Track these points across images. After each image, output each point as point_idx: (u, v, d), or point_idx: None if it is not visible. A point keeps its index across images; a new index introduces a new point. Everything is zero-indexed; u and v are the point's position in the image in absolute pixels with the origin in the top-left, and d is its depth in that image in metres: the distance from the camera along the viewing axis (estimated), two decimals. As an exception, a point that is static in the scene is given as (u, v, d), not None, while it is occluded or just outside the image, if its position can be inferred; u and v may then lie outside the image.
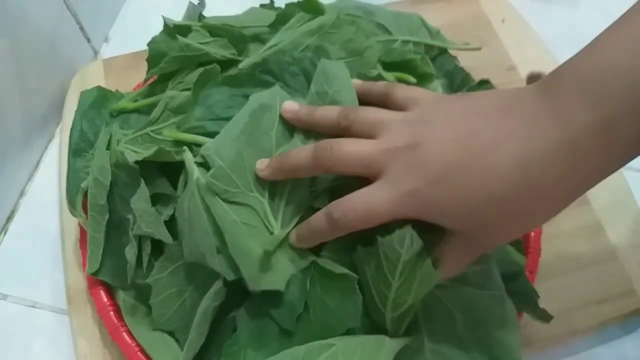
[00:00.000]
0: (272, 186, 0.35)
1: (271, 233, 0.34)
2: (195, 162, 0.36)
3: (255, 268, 0.33)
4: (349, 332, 0.33)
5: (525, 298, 0.40)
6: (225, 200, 0.34)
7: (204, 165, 0.35)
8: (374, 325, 0.35)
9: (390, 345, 0.33)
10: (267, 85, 0.39)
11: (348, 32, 0.41)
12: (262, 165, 0.34)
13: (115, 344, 0.40)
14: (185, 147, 0.37)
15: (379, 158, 0.30)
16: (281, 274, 0.34)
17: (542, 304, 0.40)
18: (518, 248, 0.43)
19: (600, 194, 0.51)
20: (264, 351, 0.34)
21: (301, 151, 0.33)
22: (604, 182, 0.50)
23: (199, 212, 0.35)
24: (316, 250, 0.35)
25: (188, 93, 0.40)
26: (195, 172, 0.35)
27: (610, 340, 0.46)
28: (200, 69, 0.39)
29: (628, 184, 0.51)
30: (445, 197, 0.28)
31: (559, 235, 0.48)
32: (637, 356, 0.46)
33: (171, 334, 0.38)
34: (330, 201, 0.33)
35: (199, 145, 0.37)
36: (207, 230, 0.34)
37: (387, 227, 0.32)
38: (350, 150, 0.31)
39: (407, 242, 0.31)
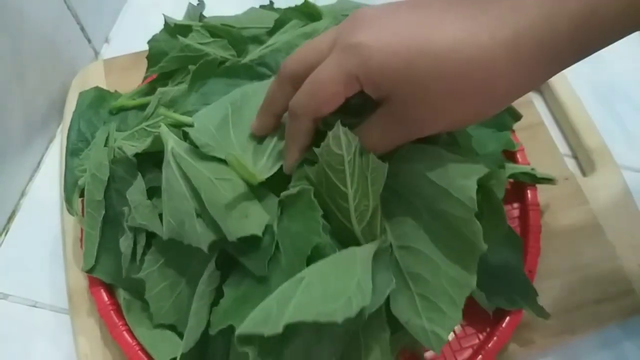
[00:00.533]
0: (257, 146, 0.35)
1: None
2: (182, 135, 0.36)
3: (231, 218, 0.33)
4: (316, 249, 0.32)
5: (524, 296, 0.40)
6: (204, 156, 0.34)
7: (190, 142, 0.36)
8: (346, 246, 0.33)
9: (362, 252, 0.32)
10: (263, 77, 0.39)
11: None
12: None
13: (116, 343, 0.40)
14: (162, 123, 0.37)
15: (327, 46, 0.29)
16: (257, 220, 0.33)
17: (542, 303, 0.40)
18: (517, 246, 0.43)
19: (599, 194, 0.51)
20: (247, 306, 0.32)
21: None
22: (603, 182, 0.51)
23: (176, 180, 0.35)
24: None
25: (180, 87, 0.40)
26: (170, 142, 0.35)
27: (610, 340, 0.46)
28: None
29: (627, 184, 0.51)
30: (388, 53, 0.27)
31: (558, 235, 0.48)
32: (636, 356, 0.46)
33: (173, 327, 0.38)
34: None
35: (192, 126, 0.37)
36: (185, 195, 0.34)
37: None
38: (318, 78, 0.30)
39: (343, 140, 0.30)
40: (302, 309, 0.27)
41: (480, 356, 0.40)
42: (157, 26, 0.45)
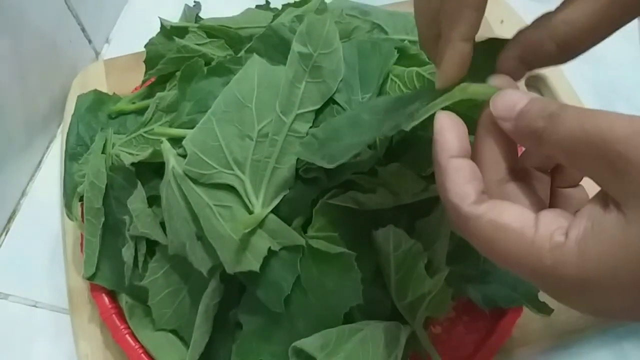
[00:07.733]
0: (254, 162, 0.33)
1: (251, 212, 0.33)
2: (179, 154, 0.35)
3: (229, 251, 0.32)
4: (351, 311, 0.33)
5: (525, 293, 0.40)
6: (203, 184, 0.33)
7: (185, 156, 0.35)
8: (394, 309, 0.35)
9: (404, 333, 0.34)
10: None
11: (332, 16, 0.40)
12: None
13: (118, 346, 0.40)
14: (163, 139, 0.36)
15: None
16: (256, 254, 0.33)
17: (541, 302, 0.40)
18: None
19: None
20: (274, 342, 0.34)
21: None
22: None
23: (177, 201, 0.34)
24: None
25: (177, 92, 0.40)
26: (171, 161, 0.35)
27: (610, 340, 0.46)
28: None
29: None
30: None
31: (558, 235, 0.48)
32: (637, 356, 0.46)
33: (174, 332, 0.39)
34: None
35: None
36: (186, 217, 0.34)
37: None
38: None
39: (392, 240, 0.31)
40: (353, 357, 0.31)
41: (481, 352, 0.40)
42: (158, 26, 0.45)
